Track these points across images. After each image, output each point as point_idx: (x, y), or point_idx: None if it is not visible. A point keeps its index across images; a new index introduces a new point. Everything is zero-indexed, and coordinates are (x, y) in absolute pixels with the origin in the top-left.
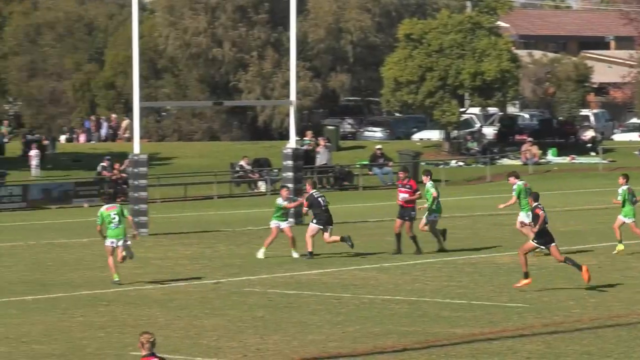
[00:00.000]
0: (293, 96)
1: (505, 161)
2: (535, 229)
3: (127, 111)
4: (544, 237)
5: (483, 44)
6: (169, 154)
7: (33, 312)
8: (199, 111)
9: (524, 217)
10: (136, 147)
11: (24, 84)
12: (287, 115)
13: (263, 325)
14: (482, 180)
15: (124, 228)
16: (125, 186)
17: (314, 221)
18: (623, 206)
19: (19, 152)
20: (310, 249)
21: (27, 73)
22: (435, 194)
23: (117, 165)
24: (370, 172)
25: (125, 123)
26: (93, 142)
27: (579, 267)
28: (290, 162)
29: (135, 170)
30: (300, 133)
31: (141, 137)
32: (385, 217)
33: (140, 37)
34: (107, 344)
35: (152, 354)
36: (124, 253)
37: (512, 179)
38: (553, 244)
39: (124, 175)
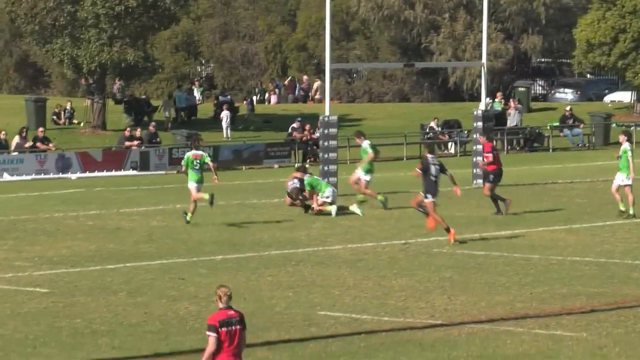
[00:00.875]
0: (484, 58)
1: None
2: None
3: (318, 73)
4: None
5: None
6: (359, 116)
7: (222, 272)
8: (389, 73)
9: None
10: (327, 109)
11: (216, 46)
12: (478, 76)
13: (450, 285)
14: None
15: (202, 174)
16: (315, 147)
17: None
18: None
19: (211, 113)
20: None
21: (219, 35)
22: None
23: (307, 127)
24: (560, 134)
25: (316, 85)
26: (289, 102)
27: None
28: (480, 124)
29: (326, 131)
30: (491, 94)
31: (332, 99)
32: (575, 178)
33: None
34: (295, 304)
35: (229, 307)
36: (204, 196)
37: None
38: None
39: (314, 136)
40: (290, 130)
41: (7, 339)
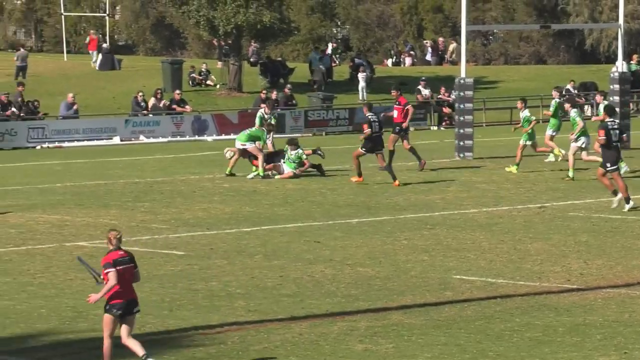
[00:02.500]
0: (621, 19)
1: None
2: None
3: (454, 35)
4: None
5: None
6: (495, 78)
7: (357, 235)
8: (525, 34)
9: None
10: (462, 71)
11: (352, 8)
12: (615, 38)
13: (586, 249)
14: None
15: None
16: (450, 110)
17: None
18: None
19: (346, 75)
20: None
21: None
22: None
23: (442, 90)
24: None
25: (452, 47)
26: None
27: None
28: (617, 86)
29: (461, 93)
30: (628, 56)
31: (467, 61)
32: None
33: None
34: (430, 267)
35: (119, 248)
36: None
37: None
38: None
39: (449, 99)
40: (416, 91)
41: (143, 302)
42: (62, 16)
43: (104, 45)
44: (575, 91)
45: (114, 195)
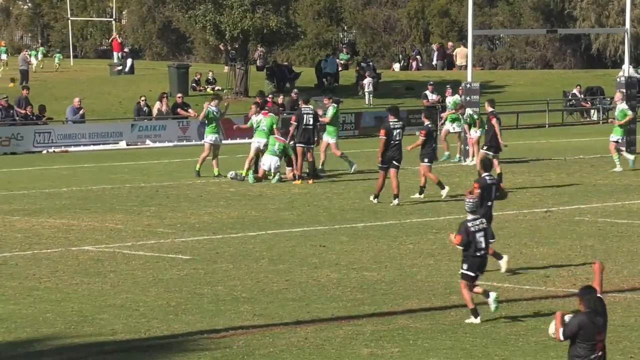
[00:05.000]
0: (628, 24)
1: None
2: None
3: (460, 39)
4: None
5: None
6: (501, 82)
7: (363, 239)
8: (532, 39)
9: None
10: (469, 75)
11: (359, 12)
12: (622, 43)
13: (592, 254)
14: None
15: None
16: None
17: None
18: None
19: (353, 80)
20: None
21: (362, 1)
22: None
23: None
24: None
25: (459, 51)
26: (438, 70)
27: None
28: (623, 91)
29: (468, 98)
30: (635, 61)
31: (474, 65)
32: None
33: None
34: (436, 271)
35: None
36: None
37: None
38: None
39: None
40: (422, 96)
41: (149, 306)
42: (69, 21)
43: (125, 50)
44: (582, 96)
45: (119, 200)
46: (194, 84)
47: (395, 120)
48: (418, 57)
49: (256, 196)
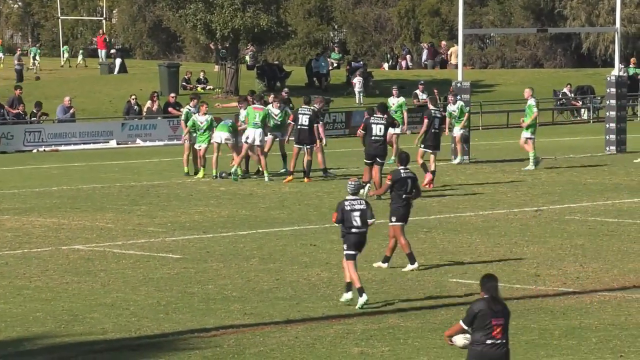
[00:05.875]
0: (618, 23)
1: None
2: None
3: (451, 38)
4: None
5: None
6: (491, 81)
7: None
8: (522, 38)
9: None
10: (460, 74)
11: (349, 11)
12: (612, 42)
13: (582, 253)
14: None
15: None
16: None
17: None
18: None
19: (343, 79)
20: None
21: (352, 0)
22: None
23: (436, 91)
24: None
25: (453, 50)
26: (429, 69)
27: None
28: (613, 90)
29: (459, 97)
30: (625, 60)
31: (464, 65)
32: None
33: None
34: (426, 271)
35: None
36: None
37: None
38: None
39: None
40: (413, 95)
41: (139, 305)
42: (59, 20)
43: (112, 50)
44: (572, 95)
45: (110, 199)
46: (185, 83)
47: (380, 116)
48: (408, 56)
49: (247, 195)
